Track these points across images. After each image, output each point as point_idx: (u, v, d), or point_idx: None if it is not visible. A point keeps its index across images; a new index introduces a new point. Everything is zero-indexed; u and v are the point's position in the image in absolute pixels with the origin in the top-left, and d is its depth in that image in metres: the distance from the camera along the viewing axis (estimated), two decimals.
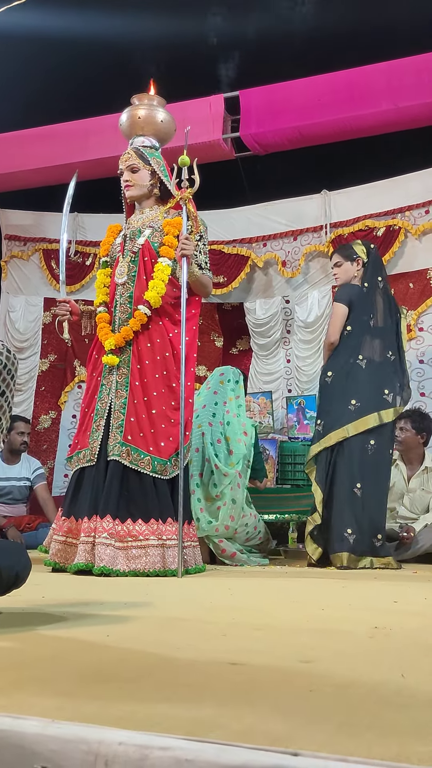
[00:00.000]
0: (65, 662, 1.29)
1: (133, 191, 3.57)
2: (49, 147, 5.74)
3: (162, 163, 3.57)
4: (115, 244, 3.61)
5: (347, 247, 4.23)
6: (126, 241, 3.53)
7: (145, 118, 3.61)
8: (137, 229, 3.53)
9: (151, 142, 3.62)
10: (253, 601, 2.35)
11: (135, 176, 3.55)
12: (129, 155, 3.56)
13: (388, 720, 0.91)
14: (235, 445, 4.11)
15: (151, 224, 3.51)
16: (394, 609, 2.10)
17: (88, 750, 0.80)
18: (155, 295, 3.36)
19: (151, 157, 3.56)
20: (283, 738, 0.84)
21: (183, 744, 0.78)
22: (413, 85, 4.97)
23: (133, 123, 3.63)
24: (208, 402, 4.23)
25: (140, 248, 3.46)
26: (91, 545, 3.07)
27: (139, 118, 3.61)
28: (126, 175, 3.57)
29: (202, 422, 4.09)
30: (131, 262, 3.47)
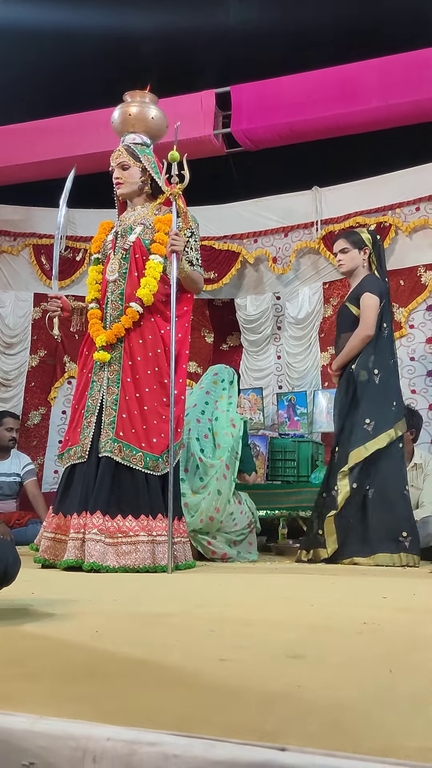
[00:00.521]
0: (54, 658, 1.29)
1: (124, 188, 3.56)
2: (40, 142, 5.72)
3: (153, 160, 3.56)
4: (106, 241, 3.60)
5: (354, 233, 4.15)
6: (117, 238, 3.52)
7: (137, 115, 3.60)
8: (128, 226, 3.52)
9: (142, 139, 3.61)
10: (243, 597, 2.35)
11: (125, 173, 3.54)
12: (120, 152, 3.55)
13: (375, 715, 0.91)
14: (222, 438, 4.11)
15: (142, 221, 3.51)
16: (383, 605, 2.11)
17: (76, 746, 0.80)
18: (147, 293, 3.35)
19: (142, 154, 3.55)
20: (272, 733, 0.84)
21: (171, 739, 0.78)
22: (404, 82, 4.98)
23: (124, 120, 3.62)
24: (199, 401, 4.24)
25: (131, 245, 3.46)
26: (80, 541, 3.07)
27: (131, 115, 3.60)
28: (117, 173, 3.56)
29: (191, 420, 4.09)
30: (122, 259, 3.46)
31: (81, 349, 3.58)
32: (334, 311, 5.75)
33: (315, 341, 5.84)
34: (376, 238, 4.12)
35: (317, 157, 5.76)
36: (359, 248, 4.02)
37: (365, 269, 4.04)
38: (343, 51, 5.17)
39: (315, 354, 5.83)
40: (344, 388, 3.89)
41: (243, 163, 5.96)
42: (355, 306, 3.95)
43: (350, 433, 3.78)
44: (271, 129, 5.41)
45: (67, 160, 5.58)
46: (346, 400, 3.85)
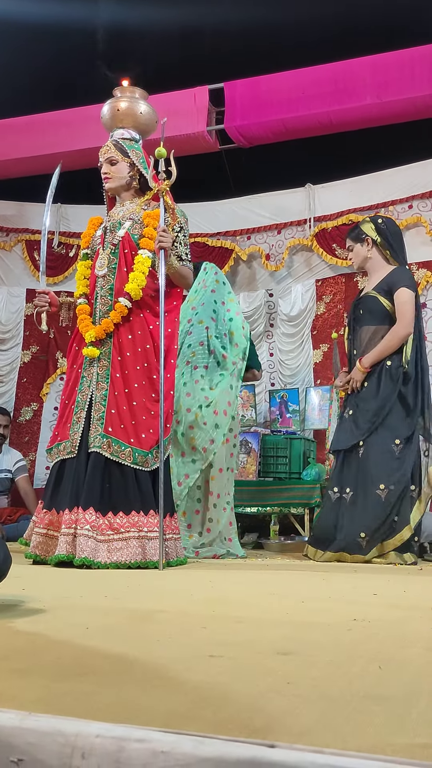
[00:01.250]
0: (43, 654, 1.29)
1: (112, 183, 3.56)
2: (33, 137, 5.70)
3: (141, 156, 3.56)
4: (95, 236, 3.60)
5: (355, 228, 4.09)
6: (106, 233, 3.52)
7: (126, 110, 3.59)
8: (117, 221, 3.52)
9: (131, 135, 3.60)
10: (234, 594, 2.35)
11: (114, 169, 3.54)
12: (108, 148, 3.55)
13: (364, 712, 0.92)
14: (239, 338, 4.19)
15: (130, 216, 3.50)
16: (373, 602, 2.12)
17: (65, 743, 0.80)
18: (136, 288, 3.35)
19: (130, 149, 3.54)
20: (261, 730, 0.84)
21: (159, 736, 0.78)
22: (397, 79, 4.99)
23: (113, 115, 3.62)
24: (207, 300, 4.22)
25: (120, 240, 3.45)
26: (72, 537, 3.07)
27: (119, 111, 3.59)
28: (105, 168, 3.56)
29: (204, 318, 4.14)
30: (111, 254, 3.46)
31: (70, 345, 3.58)
32: (327, 308, 5.76)
33: (307, 338, 5.85)
34: (378, 224, 3.98)
35: (310, 154, 5.76)
36: (360, 241, 3.97)
37: (380, 259, 3.95)
38: (337, 48, 5.18)
39: (307, 351, 5.84)
40: (380, 385, 3.76)
41: (236, 160, 5.96)
42: (386, 299, 3.83)
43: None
44: (264, 126, 5.41)
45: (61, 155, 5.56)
46: (390, 396, 3.73)
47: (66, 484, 3.24)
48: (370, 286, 3.95)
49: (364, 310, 3.93)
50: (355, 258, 4.01)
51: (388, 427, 3.70)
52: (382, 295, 3.84)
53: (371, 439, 3.71)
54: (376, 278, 3.94)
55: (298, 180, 5.80)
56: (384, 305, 3.83)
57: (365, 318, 3.91)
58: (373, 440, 3.71)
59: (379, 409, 3.72)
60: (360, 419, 3.79)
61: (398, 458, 3.66)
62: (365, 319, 3.91)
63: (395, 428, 3.70)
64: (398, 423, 3.71)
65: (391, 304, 3.81)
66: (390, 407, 3.71)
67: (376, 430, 3.71)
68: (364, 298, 3.95)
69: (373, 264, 3.97)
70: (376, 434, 3.71)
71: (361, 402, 3.84)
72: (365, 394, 3.83)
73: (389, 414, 3.70)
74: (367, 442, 3.72)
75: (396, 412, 3.72)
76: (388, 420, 3.70)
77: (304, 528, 4.75)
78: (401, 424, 3.71)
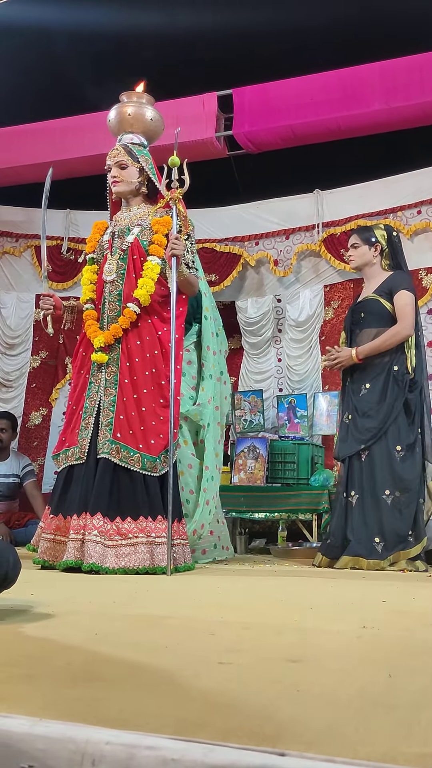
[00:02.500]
0: (53, 660, 1.29)
1: (121, 187, 3.56)
2: (42, 143, 5.72)
3: (150, 161, 3.57)
4: (102, 241, 3.60)
5: (368, 229, 4.08)
6: (114, 239, 3.52)
7: (135, 115, 3.60)
8: (126, 226, 3.52)
9: (139, 140, 3.61)
10: (242, 600, 2.35)
11: (123, 173, 3.54)
12: (118, 151, 3.55)
13: (375, 720, 0.92)
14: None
15: (139, 222, 3.51)
16: (382, 608, 2.11)
17: (75, 749, 0.80)
18: (145, 294, 3.36)
19: (139, 154, 3.55)
20: (271, 738, 0.84)
21: (169, 743, 0.78)
22: (406, 85, 4.98)
23: (122, 120, 3.62)
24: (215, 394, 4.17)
25: (129, 246, 3.46)
26: (80, 542, 3.07)
27: (129, 115, 3.61)
28: (114, 171, 3.56)
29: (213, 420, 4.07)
30: (120, 260, 3.46)
31: (76, 350, 3.58)
32: (335, 314, 5.75)
33: (315, 344, 5.84)
34: (391, 235, 4.02)
35: (319, 160, 5.76)
36: (370, 244, 3.96)
37: (380, 266, 3.97)
38: (346, 54, 5.18)
39: (315, 357, 5.83)
40: (386, 391, 3.73)
41: (244, 166, 5.97)
42: (388, 301, 3.83)
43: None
44: (272, 132, 5.41)
45: (71, 161, 5.60)
46: (397, 403, 3.70)
47: (74, 490, 3.25)
48: (369, 291, 3.97)
49: (365, 313, 3.91)
50: (357, 257, 3.99)
51: (392, 433, 3.69)
52: (384, 298, 3.85)
53: (375, 444, 3.70)
54: (374, 283, 3.95)
55: (306, 185, 5.80)
56: (386, 308, 3.83)
57: (367, 321, 3.89)
58: (376, 445, 3.70)
59: (386, 415, 3.69)
60: (362, 423, 3.75)
61: (401, 464, 3.65)
62: (367, 321, 3.89)
63: (399, 434, 3.70)
64: (402, 429, 3.71)
65: (393, 306, 3.82)
66: (396, 414, 3.70)
67: (381, 437, 3.69)
68: (364, 302, 3.95)
69: (373, 270, 3.99)
70: (379, 440, 3.70)
71: (360, 404, 3.79)
72: (367, 397, 3.78)
73: (394, 420, 3.70)
74: (370, 447, 3.71)
75: (401, 419, 3.71)
76: (392, 426, 3.70)
77: (312, 534, 4.74)
78: (405, 431, 3.71)
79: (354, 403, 3.83)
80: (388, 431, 3.68)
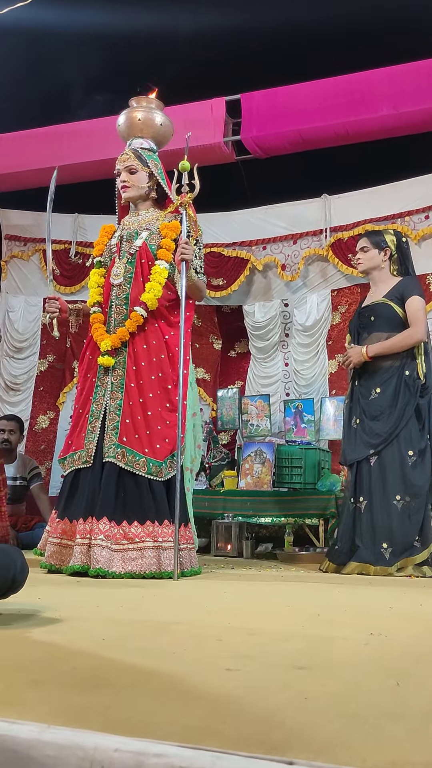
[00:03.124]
0: (61, 666, 1.29)
1: (130, 192, 3.57)
2: (51, 147, 5.74)
3: (159, 166, 3.58)
4: (110, 245, 3.60)
5: (378, 233, 4.05)
6: (122, 242, 3.53)
7: (144, 120, 3.61)
8: (134, 230, 3.53)
9: (149, 145, 3.62)
10: (249, 605, 2.35)
11: (133, 178, 3.55)
12: (127, 156, 3.56)
13: (383, 729, 0.91)
14: None
15: (147, 227, 3.52)
16: (389, 615, 2.10)
17: (83, 756, 0.80)
18: (152, 297, 3.36)
19: (149, 159, 3.56)
20: (279, 746, 0.84)
21: (178, 751, 0.78)
22: (414, 90, 4.98)
23: (132, 125, 3.63)
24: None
25: (137, 250, 3.46)
26: (87, 547, 3.08)
27: (139, 120, 3.61)
28: (123, 176, 3.57)
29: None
30: (128, 264, 3.47)
31: (83, 353, 3.58)
32: (343, 318, 5.75)
33: (323, 348, 5.84)
34: (401, 241, 4.00)
35: (327, 165, 5.77)
36: (379, 249, 3.93)
37: (388, 271, 3.94)
38: (354, 59, 5.18)
39: (323, 361, 5.82)
40: (398, 396, 3.70)
41: (252, 171, 5.97)
42: (399, 307, 3.80)
43: None
44: (280, 136, 5.42)
45: (79, 165, 5.62)
46: (409, 408, 3.67)
47: (80, 494, 3.25)
48: (378, 295, 3.93)
49: (375, 317, 3.88)
50: (367, 261, 3.95)
51: (403, 438, 3.66)
52: (395, 303, 3.81)
53: (385, 448, 3.67)
54: (383, 288, 3.92)
55: (314, 190, 5.81)
56: (398, 313, 3.80)
57: (377, 324, 3.86)
58: (387, 450, 3.66)
59: (398, 419, 3.66)
60: (371, 427, 3.72)
61: (412, 469, 3.63)
62: (377, 325, 3.86)
63: (410, 439, 3.67)
64: (414, 434, 3.68)
65: (404, 312, 3.80)
66: (408, 419, 3.68)
67: (392, 442, 3.67)
68: (374, 306, 3.90)
69: (381, 274, 3.96)
70: (391, 444, 3.67)
71: (370, 408, 3.76)
72: (377, 401, 3.74)
73: (406, 425, 3.68)
74: (380, 451, 3.68)
75: (412, 424, 3.69)
76: (404, 431, 3.67)
77: (319, 539, 4.73)
78: (416, 436, 3.68)
79: (363, 407, 3.80)
80: (400, 435, 3.65)
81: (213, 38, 5.47)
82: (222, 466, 5.47)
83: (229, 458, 5.55)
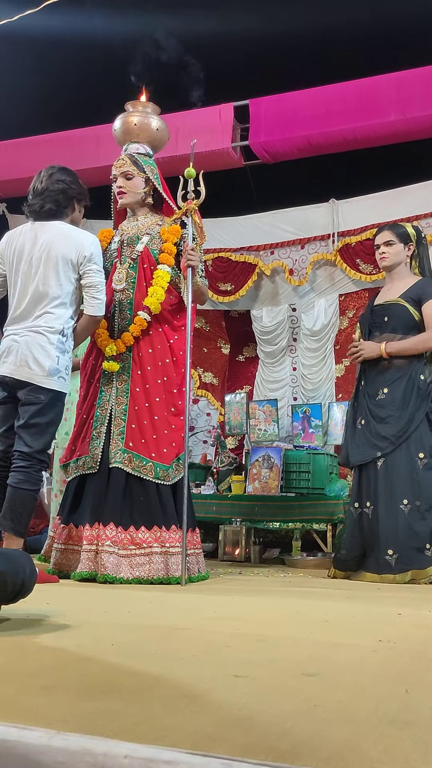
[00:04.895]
0: (70, 671, 1.29)
1: (127, 198, 3.56)
2: (58, 153, 5.77)
3: (156, 171, 3.57)
4: (110, 250, 3.58)
5: (400, 226, 3.90)
6: (123, 248, 3.52)
7: (140, 125, 3.60)
8: (134, 235, 3.52)
9: (145, 149, 3.61)
10: (257, 611, 2.34)
11: (129, 183, 3.54)
12: (123, 161, 3.55)
13: (392, 736, 0.91)
14: None
15: (147, 231, 3.51)
16: (398, 622, 2.10)
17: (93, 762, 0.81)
18: (155, 302, 3.36)
19: (145, 164, 3.55)
20: (288, 753, 0.84)
21: (187, 758, 0.78)
22: (422, 95, 4.99)
23: (127, 129, 3.62)
24: None
25: (139, 255, 3.46)
26: (94, 553, 3.08)
27: (135, 125, 3.60)
28: (120, 182, 3.55)
29: None
30: (130, 269, 3.46)
31: (85, 359, 3.57)
32: (350, 323, 5.74)
33: (330, 353, 5.84)
34: (420, 235, 3.88)
35: (334, 170, 5.78)
36: (405, 243, 3.80)
37: (407, 267, 3.83)
38: (362, 64, 5.20)
39: (330, 366, 5.82)
40: (408, 399, 3.64)
41: (260, 176, 5.99)
42: (415, 309, 3.70)
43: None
44: (288, 142, 5.44)
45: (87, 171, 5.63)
46: (419, 412, 3.62)
47: (86, 499, 3.24)
48: (393, 293, 3.81)
49: (389, 317, 3.78)
50: (393, 255, 3.80)
51: (414, 441, 3.60)
52: (411, 305, 3.71)
53: (393, 452, 3.60)
54: (400, 286, 3.80)
55: (322, 195, 5.81)
56: (413, 315, 3.70)
57: (390, 325, 3.77)
58: (395, 453, 3.59)
59: (408, 423, 3.60)
60: (378, 429, 3.66)
61: (422, 473, 3.58)
62: (390, 326, 3.77)
63: (421, 442, 3.61)
64: (424, 437, 3.62)
65: (420, 315, 3.72)
66: (419, 423, 3.62)
67: (401, 446, 3.60)
68: (388, 305, 3.79)
69: (401, 270, 3.83)
70: (399, 448, 3.60)
71: (377, 410, 3.70)
72: (385, 403, 3.68)
73: (416, 429, 3.62)
74: (388, 455, 3.61)
75: (423, 427, 3.65)
76: (414, 434, 3.61)
77: (327, 544, 4.72)
78: (427, 438, 3.62)
79: (369, 408, 3.73)
80: (410, 439, 3.59)
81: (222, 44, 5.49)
82: (229, 470, 5.47)
83: (236, 463, 5.54)
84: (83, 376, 3.55)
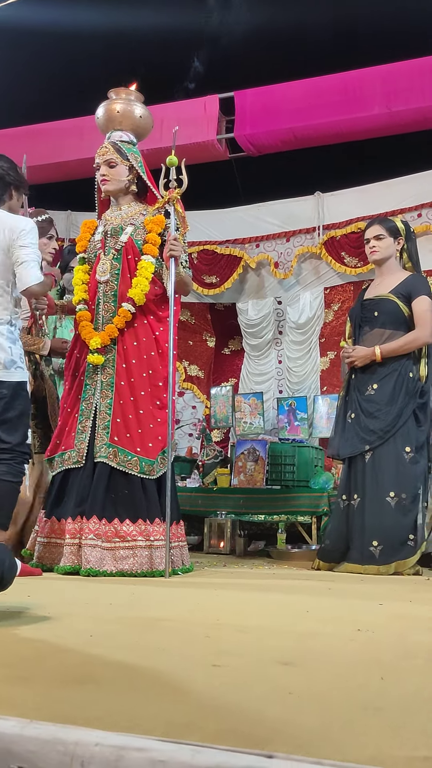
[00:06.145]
0: (47, 662, 1.29)
1: (110, 186, 3.52)
2: (42, 145, 5.73)
3: (140, 159, 3.52)
4: (94, 241, 3.54)
5: (390, 220, 3.91)
6: (107, 238, 3.47)
7: (123, 112, 3.56)
8: (118, 226, 3.48)
9: (129, 137, 3.57)
10: (239, 603, 2.35)
11: (112, 171, 3.49)
12: (106, 149, 3.50)
13: (364, 723, 0.92)
14: None
15: (131, 221, 3.48)
16: (378, 611, 2.11)
17: (64, 751, 0.81)
18: (139, 293, 3.33)
19: (129, 152, 3.50)
20: (261, 740, 0.85)
21: (158, 745, 0.79)
22: (407, 89, 5.00)
23: (110, 117, 3.57)
24: None
25: (123, 246, 3.43)
26: (77, 547, 3.06)
27: (118, 113, 3.55)
28: (103, 170, 3.50)
29: None
30: (114, 260, 3.43)
31: (70, 352, 3.52)
32: (335, 316, 5.76)
33: (315, 346, 5.85)
34: (409, 229, 3.89)
35: (320, 163, 5.77)
36: (394, 237, 3.81)
37: (397, 261, 3.84)
38: (347, 58, 5.19)
39: (315, 359, 5.83)
40: (397, 396, 3.66)
41: (246, 168, 5.98)
42: (404, 305, 3.71)
43: None
44: (274, 134, 5.43)
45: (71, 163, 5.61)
46: (407, 409, 3.64)
47: (70, 493, 3.22)
48: (383, 288, 3.82)
49: (379, 312, 3.79)
50: (383, 249, 3.80)
51: (400, 435, 3.63)
52: (401, 300, 3.73)
53: (381, 446, 3.63)
54: (391, 281, 3.81)
55: (307, 188, 5.81)
56: (402, 311, 3.72)
57: (380, 320, 3.78)
58: (382, 447, 3.63)
59: (396, 418, 3.63)
60: (367, 424, 3.68)
61: (409, 466, 3.61)
62: (380, 321, 3.78)
63: (407, 436, 3.64)
64: (412, 432, 3.65)
65: (409, 310, 3.73)
66: (406, 419, 3.64)
67: (388, 440, 3.63)
68: (378, 300, 3.80)
69: (391, 265, 3.84)
70: (387, 442, 3.63)
71: (367, 405, 3.72)
72: (374, 398, 3.71)
73: (404, 424, 3.64)
74: (375, 448, 3.64)
75: (411, 423, 3.66)
76: (401, 429, 3.64)
77: (312, 536, 4.74)
78: (414, 433, 3.66)
79: (359, 403, 3.76)
80: (397, 433, 3.62)
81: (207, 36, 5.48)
82: (215, 463, 5.47)
83: (222, 456, 5.55)
84: (68, 369, 3.53)
